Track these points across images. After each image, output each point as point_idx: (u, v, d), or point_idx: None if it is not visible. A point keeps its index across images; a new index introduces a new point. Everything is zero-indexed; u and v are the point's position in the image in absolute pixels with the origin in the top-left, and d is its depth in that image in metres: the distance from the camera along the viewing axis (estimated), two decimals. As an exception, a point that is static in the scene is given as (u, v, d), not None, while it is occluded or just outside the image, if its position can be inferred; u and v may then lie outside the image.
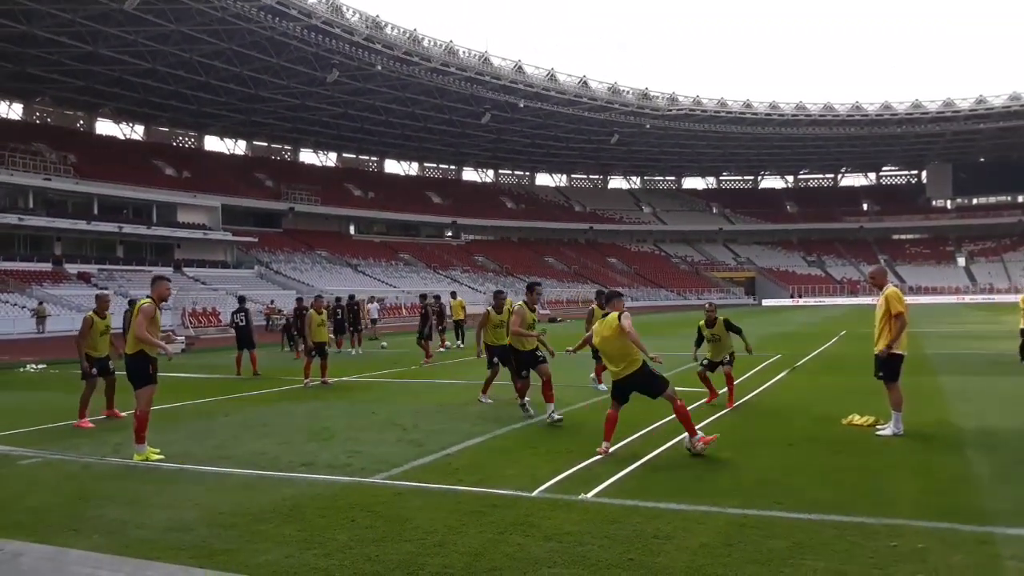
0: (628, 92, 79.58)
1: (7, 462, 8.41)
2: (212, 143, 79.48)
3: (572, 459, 7.68)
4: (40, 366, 20.75)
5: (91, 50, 52.54)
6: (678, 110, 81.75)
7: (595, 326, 8.44)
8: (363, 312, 26.32)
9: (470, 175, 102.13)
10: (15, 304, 41.35)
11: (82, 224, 51.82)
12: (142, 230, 55.69)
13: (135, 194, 57.34)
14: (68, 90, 62.21)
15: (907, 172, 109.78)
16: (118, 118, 71.07)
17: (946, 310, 53.13)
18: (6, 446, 9.23)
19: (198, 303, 40.59)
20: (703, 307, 11.92)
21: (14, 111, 64.80)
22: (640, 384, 8.06)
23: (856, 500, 6.10)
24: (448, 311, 25.66)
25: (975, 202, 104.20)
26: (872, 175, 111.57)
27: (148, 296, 8.79)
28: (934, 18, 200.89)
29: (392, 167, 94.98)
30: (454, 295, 27.38)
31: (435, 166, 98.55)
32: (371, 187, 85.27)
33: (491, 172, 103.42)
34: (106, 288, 39.93)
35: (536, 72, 73.19)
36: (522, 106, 74.64)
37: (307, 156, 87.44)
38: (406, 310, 55.06)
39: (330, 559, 4.92)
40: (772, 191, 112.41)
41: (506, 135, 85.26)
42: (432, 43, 64.94)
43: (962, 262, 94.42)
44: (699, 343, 11.51)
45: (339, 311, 24.17)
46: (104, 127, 71.54)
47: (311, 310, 16.24)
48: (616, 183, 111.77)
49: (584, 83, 76.25)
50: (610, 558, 4.84)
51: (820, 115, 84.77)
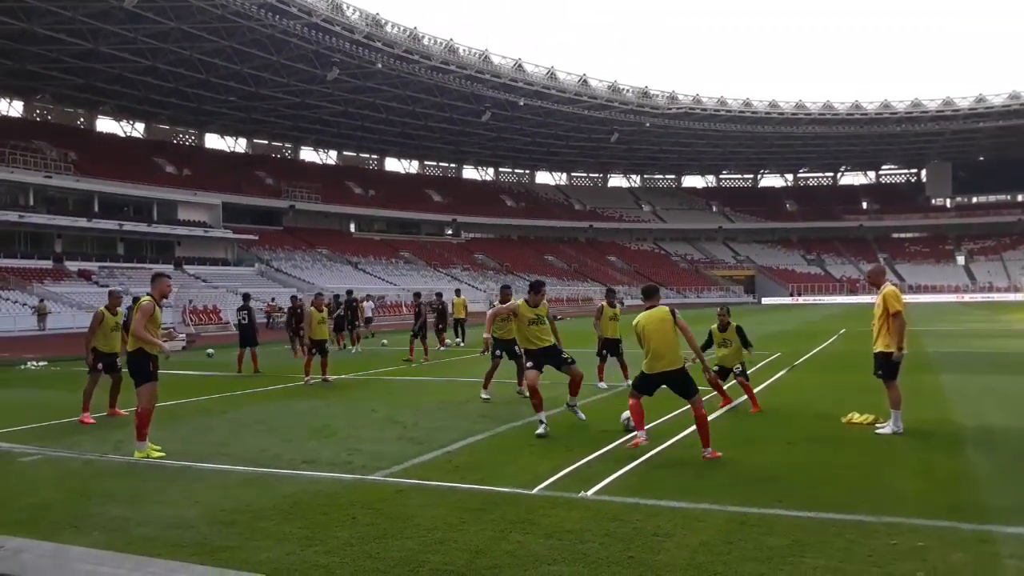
0: (628, 90, 79.56)
1: (8, 459, 8.43)
2: (212, 141, 79.61)
3: (572, 457, 7.69)
4: (41, 363, 20.75)
5: (91, 47, 52.51)
6: (678, 108, 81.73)
7: (640, 319, 7.95)
8: (360, 310, 26.28)
9: (470, 173, 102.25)
10: (16, 301, 41.36)
11: (83, 222, 51.82)
12: (143, 228, 55.68)
13: (136, 192, 57.36)
14: (68, 88, 62.17)
15: (907, 171, 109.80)
16: (118, 116, 71.02)
17: (946, 309, 53.15)
18: (7, 443, 9.24)
19: (195, 301, 40.52)
20: (716, 311, 11.22)
21: (14, 108, 64.84)
22: (678, 382, 7.83)
23: (856, 498, 6.11)
24: (450, 309, 25.62)
25: (975, 201, 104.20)
26: (872, 174, 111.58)
27: (148, 294, 8.84)
28: (933, 16, 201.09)
29: (392, 165, 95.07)
30: (458, 292, 27.24)
31: (435, 164, 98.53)
32: (371, 185, 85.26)
33: (491, 170, 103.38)
34: (107, 285, 39.91)
35: (536, 70, 73.19)
36: (522, 104, 74.59)
37: (308, 154, 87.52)
38: (406, 308, 54.97)
39: (331, 556, 4.93)
40: (772, 190, 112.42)
41: (506, 133, 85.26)
42: (432, 41, 64.92)
43: (962, 261, 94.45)
44: (707, 346, 10.78)
45: (340, 309, 24.16)
46: (104, 125, 71.67)
47: (311, 307, 16.15)
48: (616, 181, 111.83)
49: (584, 81, 76.22)
50: (610, 555, 4.85)
51: (820, 114, 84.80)
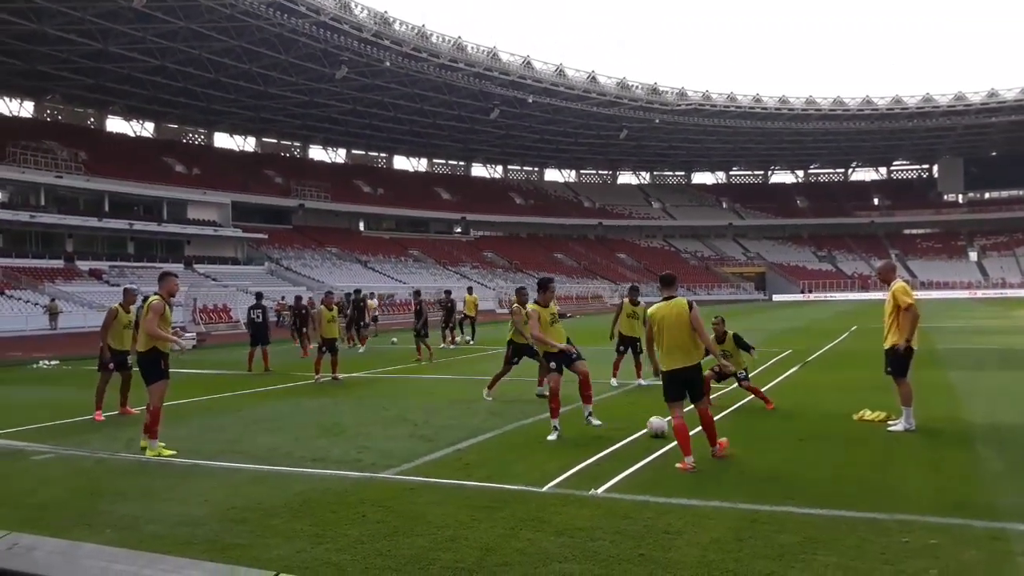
0: (637, 87, 79.37)
1: (20, 457, 8.48)
2: (222, 140, 79.82)
3: (582, 455, 7.67)
4: (52, 362, 20.85)
5: (101, 48, 52.74)
6: (687, 105, 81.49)
7: (656, 310, 7.62)
8: (368, 309, 26.27)
9: (479, 171, 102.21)
10: (27, 301, 41.61)
11: (93, 221, 52.08)
12: (153, 227, 55.90)
13: (145, 191, 57.60)
14: (78, 88, 62.46)
15: (918, 166, 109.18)
16: (128, 115, 71.30)
17: (958, 305, 52.85)
18: (19, 441, 9.30)
19: (203, 300, 40.58)
20: (712, 323, 10.30)
21: (25, 109, 65.16)
22: (693, 380, 7.48)
23: (867, 495, 6.08)
24: (461, 306, 25.63)
25: (987, 196, 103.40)
26: (883, 169, 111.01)
27: (157, 293, 8.89)
28: (945, 12, 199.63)
29: (401, 163, 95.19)
30: (470, 291, 27.16)
31: (444, 162, 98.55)
32: (380, 183, 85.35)
33: (500, 168, 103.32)
34: (118, 285, 40.08)
35: (545, 67, 73.10)
36: (531, 101, 74.53)
37: (316, 153, 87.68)
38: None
39: (342, 554, 4.94)
40: (782, 186, 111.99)
41: (515, 131, 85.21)
42: (440, 39, 64.93)
43: (974, 257, 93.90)
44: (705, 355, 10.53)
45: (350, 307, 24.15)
46: (114, 124, 72.00)
47: (321, 306, 16.15)
48: (625, 178, 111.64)
49: (593, 78, 76.07)
50: (621, 553, 4.84)
51: (830, 109, 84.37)
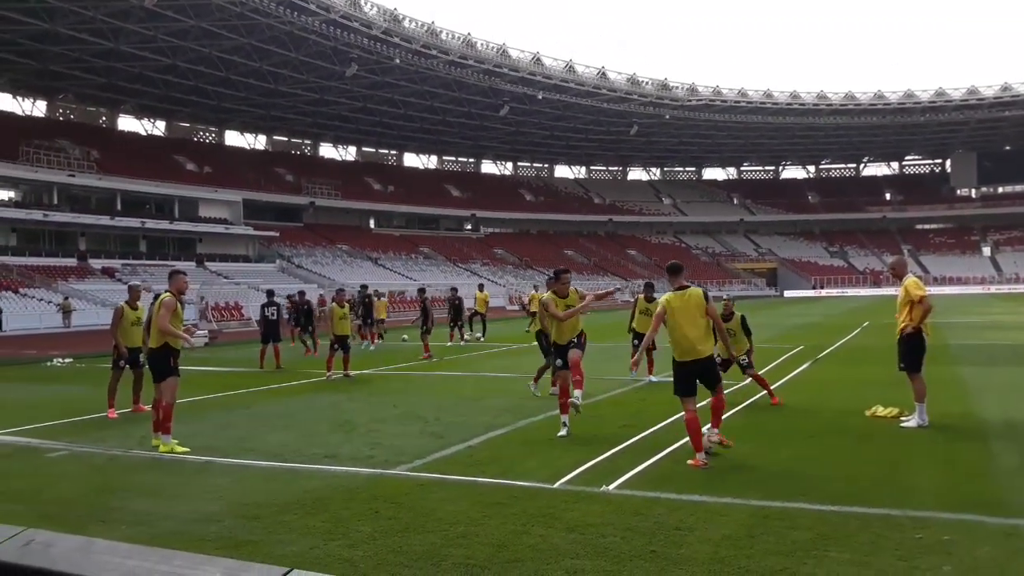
0: (647, 83, 79.10)
1: (35, 455, 8.55)
2: (233, 138, 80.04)
3: (593, 451, 7.68)
4: (66, 360, 21.00)
5: (112, 47, 52.96)
6: (698, 100, 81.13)
7: (669, 300, 7.51)
8: (376, 307, 26.27)
9: (489, 168, 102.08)
10: (41, 299, 41.89)
11: (106, 219, 52.38)
12: (165, 225, 56.18)
13: (157, 189, 57.85)
14: (90, 87, 62.75)
15: (931, 161, 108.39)
16: (140, 114, 71.59)
17: (971, 301, 52.50)
18: (34, 439, 9.38)
19: (212, 298, 40.63)
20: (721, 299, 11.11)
21: (38, 108, 65.48)
22: (708, 370, 7.45)
23: (880, 492, 6.05)
24: (472, 303, 25.63)
25: (1000, 191, 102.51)
26: (895, 164, 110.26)
27: (167, 291, 8.95)
28: (957, 9, 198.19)
29: (411, 160, 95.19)
30: (481, 288, 27.14)
31: (454, 159, 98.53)
32: (390, 181, 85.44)
33: (510, 165, 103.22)
34: (137, 283, 40.29)
35: (555, 64, 72.92)
36: (540, 98, 74.36)
37: (327, 150, 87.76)
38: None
39: (355, 550, 4.96)
40: (794, 181, 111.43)
41: (525, 127, 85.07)
42: (450, 36, 64.85)
43: (987, 252, 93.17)
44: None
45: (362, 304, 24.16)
46: (126, 123, 72.20)
47: (333, 304, 16.16)
48: (636, 175, 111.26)
49: (603, 74, 75.85)
50: (632, 549, 4.84)
51: (842, 104, 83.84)
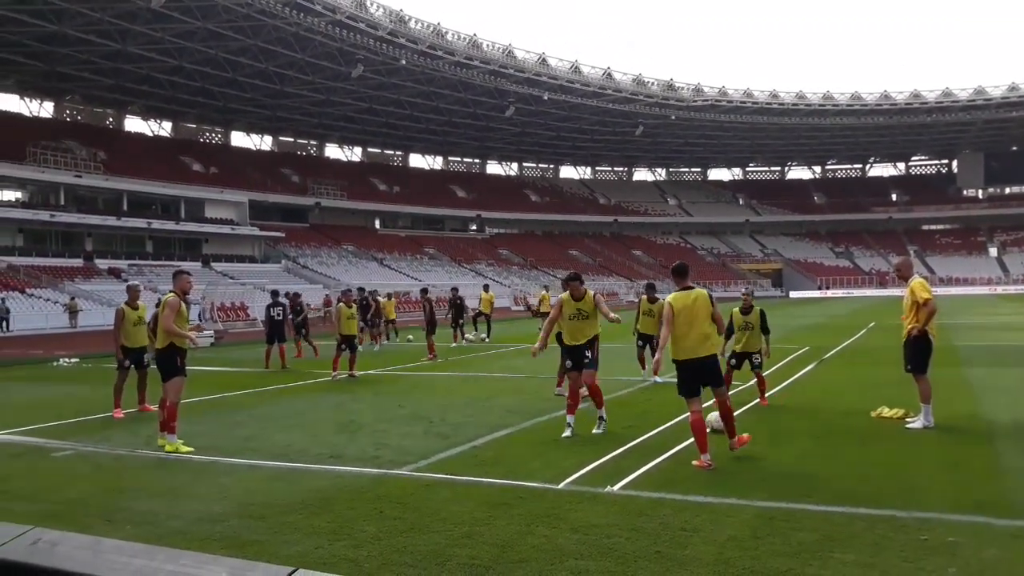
0: (653, 83, 79.05)
1: (42, 454, 8.57)
2: (239, 139, 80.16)
3: (598, 451, 7.68)
4: (73, 360, 21.07)
5: (120, 48, 53.13)
6: (703, 101, 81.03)
7: (672, 300, 7.47)
8: (379, 308, 26.21)
9: (494, 168, 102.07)
10: (48, 299, 42.03)
11: (112, 220, 52.50)
12: (171, 225, 56.31)
13: (164, 190, 58.02)
14: (98, 88, 62.97)
15: (937, 161, 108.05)
16: (146, 115, 71.79)
17: (978, 301, 52.33)
18: (41, 438, 9.41)
19: (215, 298, 40.74)
20: (741, 294, 11.21)
21: (45, 109, 65.71)
22: (710, 371, 7.46)
23: (886, 493, 6.04)
24: (476, 304, 25.62)
25: (1007, 191, 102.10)
26: (901, 165, 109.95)
27: (172, 291, 8.99)
28: (965, 5, 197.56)
29: (417, 161, 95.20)
30: (486, 288, 27.12)
31: (459, 160, 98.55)
32: (396, 182, 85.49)
33: (515, 165, 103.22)
34: (135, 282, 40.39)
35: (560, 64, 72.92)
36: (546, 99, 74.36)
37: (332, 151, 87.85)
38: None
39: (360, 550, 4.97)
40: (799, 182, 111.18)
41: (530, 128, 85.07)
42: (456, 37, 64.88)
43: (994, 252, 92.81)
44: (729, 335, 10.62)
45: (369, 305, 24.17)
46: (133, 124, 72.41)
47: (340, 304, 16.16)
48: (641, 175, 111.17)
49: (608, 75, 75.81)
50: (637, 550, 4.83)
51: (848, 105, 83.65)
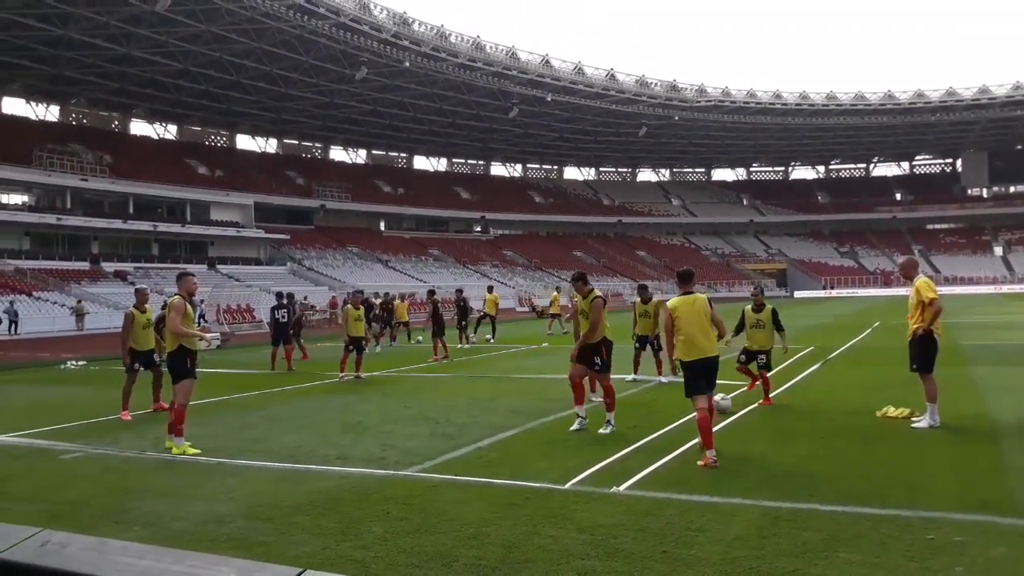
0: (656, 84, 79.02)
1: (50, 456, 8.61)
2: (243, 142, 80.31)
3: (604, 452, 7.68)
4: (80, 363, 21.11)
5: (125, 52, 53.26)
6: (707, 101, 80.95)
7: (674, 303, 7.69)
8: (388, 310, 26.28)
9: (498, 170, 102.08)
10: (54, 302, 42.14)
11: (118, 223, 52.68)
12: (176, 228, 56.45)
13: (169, 193, 58.15)
14: (103, 92, 63.11)
15: (941, 161, 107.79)
16: (151, 118, 71.99)
17: (983, 300, 52.17)
18: (49, 441, 9.45)
19: (218, 301, 40.86)
20: (751, 293, 11.39)
21: (51, 113, 65.93)
22: (715, 370, 7.64)
23: (892, 492, 6.04)
24: (481, 305, 25.63)
25: (1012, 190, 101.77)
26: (905, 164, 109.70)
27: (177, 293, 9.02)
28: (968, 5, 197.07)
29: (421, 163, 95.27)
30: (491, 290, 27.03)
31: (463, 161, 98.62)
32: (400, 183, 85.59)
33: (519, 166, 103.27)
34: (143, 286, 40.52)
35: (563, 66, 72.92)
36: (550, 100, 74.35)
37: (337, 153, 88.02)
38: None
39: (366, 551, 4.98)
40: (803, 182, 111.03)
41: (534, 129, 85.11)
42: (460, 39, 64.90)
43: (999, 251, 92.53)
44: (739, 330, 10.87)
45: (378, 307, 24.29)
46: (138, 127, 72.58)
47: (348, 306, 16.15)
48: (645, 176, 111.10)
49: (612, 76, 75.79)
50: (643, 550, 4.84)
51: (851, 104, 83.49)
